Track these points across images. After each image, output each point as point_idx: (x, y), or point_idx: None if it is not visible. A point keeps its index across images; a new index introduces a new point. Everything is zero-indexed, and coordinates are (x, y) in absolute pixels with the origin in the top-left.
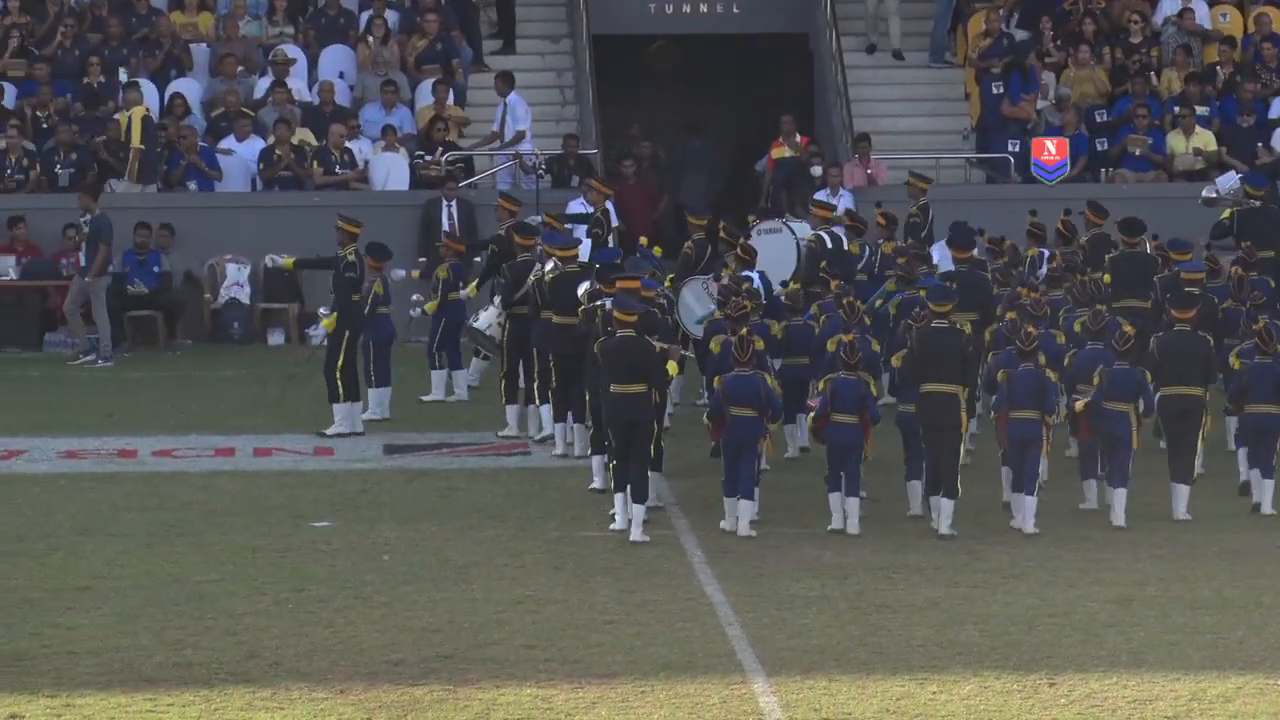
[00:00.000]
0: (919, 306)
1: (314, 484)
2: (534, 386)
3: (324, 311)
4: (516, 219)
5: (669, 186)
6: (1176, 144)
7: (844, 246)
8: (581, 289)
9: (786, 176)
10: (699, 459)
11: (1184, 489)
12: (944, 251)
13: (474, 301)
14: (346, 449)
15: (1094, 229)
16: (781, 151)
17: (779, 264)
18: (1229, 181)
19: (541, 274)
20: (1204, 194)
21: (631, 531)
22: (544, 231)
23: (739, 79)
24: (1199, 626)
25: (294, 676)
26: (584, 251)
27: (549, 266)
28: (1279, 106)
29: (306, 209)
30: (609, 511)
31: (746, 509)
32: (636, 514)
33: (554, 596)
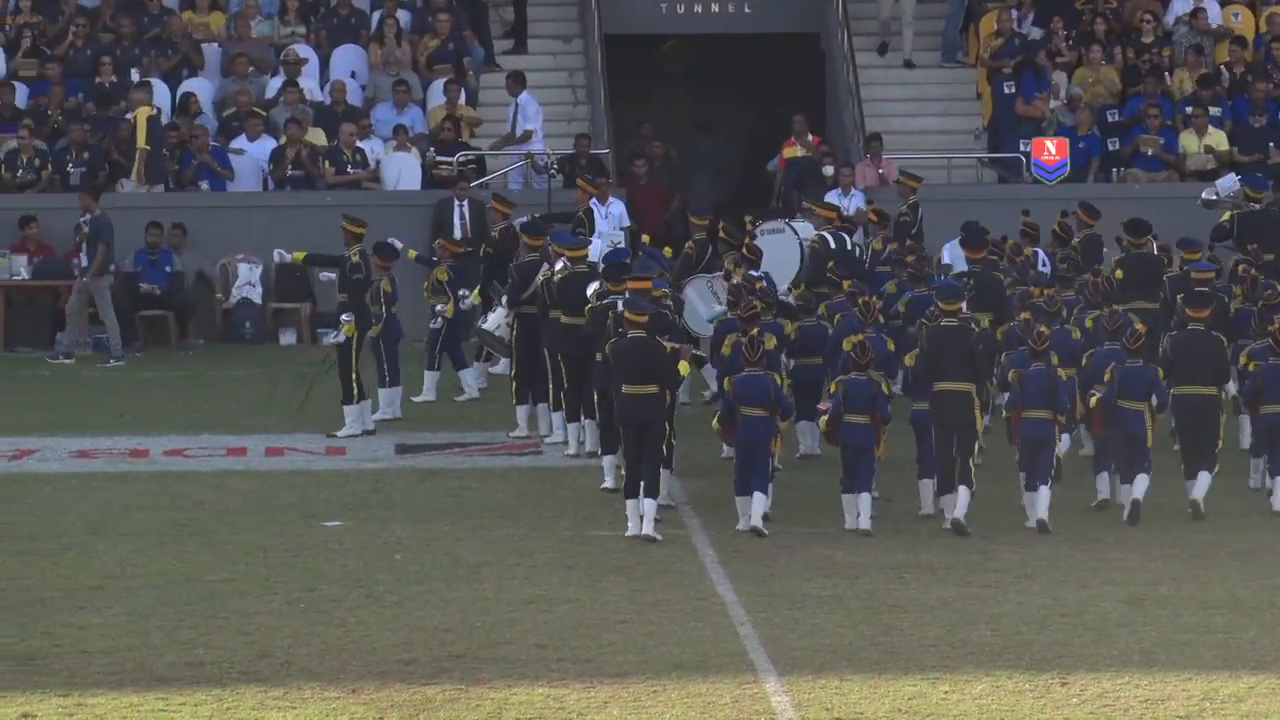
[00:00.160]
0: (931, 305)
1: (326, 483)
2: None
3: (346, 319)
4: (510, 221)
5: (680, 186)
6: (1189, 144)
7: (847, 246)
8: (590, 289)
9: (798, 176)
10: (710, 459)
11: (1206, 475)
12: (956, 251)
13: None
14: (358, 448)
15: (1085, 229)
16: (793, 151)
17: (783, 264)
18: (1229, 184)
19: (550, 274)
20: (1203, 196)
21: (645, 526)
22: (553, 232)
23: (750, 79)
24: (1211, 626)
25: (306, 676)
26: (594, 251)
27: (558, 267)
28: None
29: (318, 209)
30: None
31: (760, 502)
32: (649, 509)
33: (566, 596)
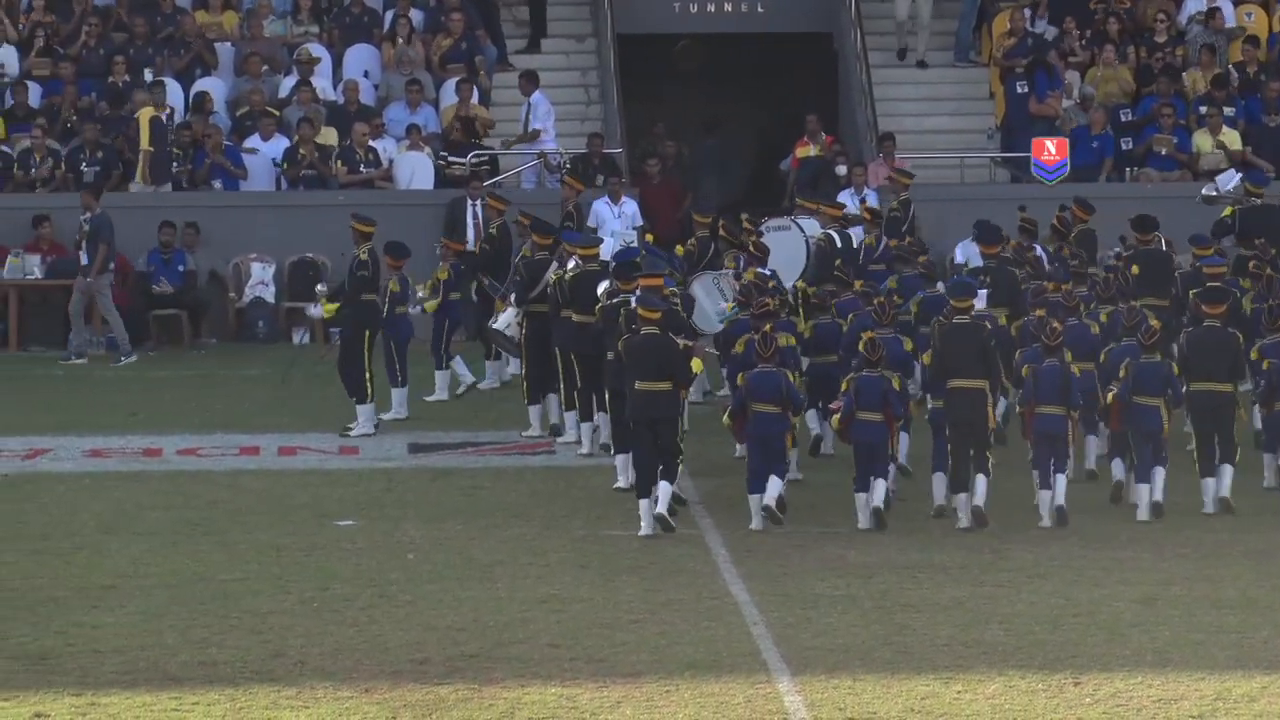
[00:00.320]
0: (943, 305)
1: (339, 483)
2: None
3: (321, 289)
4: (505, 218)
5: (693, 185)
6: (1202, 143)
7: (854, 245)
8: (601, 288)
9: (811, 176)
10: (723, 458)
11: (1228, 468)
12: (970, 249)
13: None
14: (371, 448)
15: (1080, 225)
16: (806, 151)
17: (789, 262)
18: (1229, 179)
19: (562, 273)
20: (1204, 192)
21: (659, 505)
22: (563, 230)
23: (763, 78)
24: (1224, 626)
25: (319, 675)
26: (605, 250)
27: (570, 265)
28: None
29: (331, 208)
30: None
31: (775, 484)
32: (664, 490)
33: (579, 595)
